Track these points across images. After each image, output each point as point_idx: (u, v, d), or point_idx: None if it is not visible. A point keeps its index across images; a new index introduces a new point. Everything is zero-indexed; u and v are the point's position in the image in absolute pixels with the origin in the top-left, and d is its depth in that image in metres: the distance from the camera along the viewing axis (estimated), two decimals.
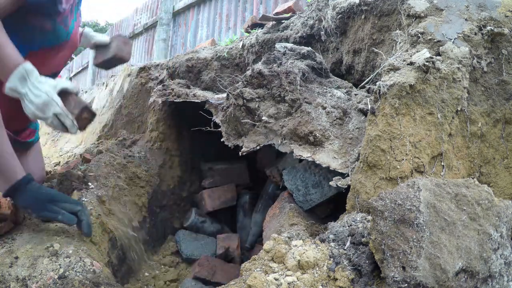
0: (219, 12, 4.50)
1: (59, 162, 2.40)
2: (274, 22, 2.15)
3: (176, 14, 5.29)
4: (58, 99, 1.27)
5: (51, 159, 2.54)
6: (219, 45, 2.54)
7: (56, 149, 2.62)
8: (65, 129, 1.29)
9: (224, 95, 1.63)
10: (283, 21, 2.11)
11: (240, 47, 2.16)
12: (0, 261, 1.12)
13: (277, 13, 2.40)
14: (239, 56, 2.18)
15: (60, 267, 1.12)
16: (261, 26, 2.31)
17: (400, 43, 1.32)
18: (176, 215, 2.11)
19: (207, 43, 3.14)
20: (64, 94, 1.28)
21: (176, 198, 2.11)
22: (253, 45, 2.07)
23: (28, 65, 1.24)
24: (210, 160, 2.24)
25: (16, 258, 1.14)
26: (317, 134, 1.30)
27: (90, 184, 1.57)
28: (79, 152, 2.26)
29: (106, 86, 3.51)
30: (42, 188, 1.21)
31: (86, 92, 4.49)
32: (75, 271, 1.12)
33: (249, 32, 2.37)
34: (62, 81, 1.31)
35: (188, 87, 1.97)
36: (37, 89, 1.25)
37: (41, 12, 1.37)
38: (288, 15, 2.21)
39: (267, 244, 0.99)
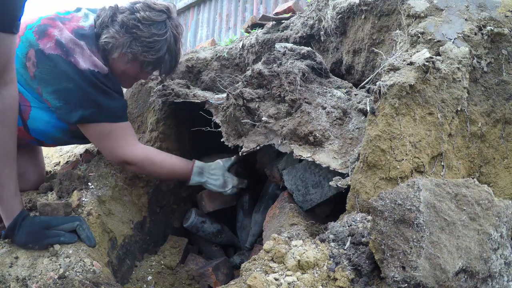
0: (219, 12, 4.50)
1: (59, 162, 2.40)
2: (274, 22, 2.15)
3: (176, 14, 5.29)
4: (230, 176, 1.74)
5: (51, 159, 2.54)
6: (219, 45, 2.54)
7: (56, 149, 2.62)
8: (240, 190, 1.81)
9: (224, 95, 1.63)
10: (283, 21, 2.11)
11: (240, 47, 2.17)
12: (0, 261, 1.12)
13: (277, 13, 2.40)
14: (239, 56, 2.18)
15: (60, 267, 1.12)
16: (261, 26, 2.31)
17: (400, 43, 1.32)
18: (176, 215, 2.11)
19: (207, 43, 3.14)
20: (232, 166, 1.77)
21: (176, 198, 2.11)
22: (253, 45, 2.07)
23: (198, 163, 1.69)
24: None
25: (16, 258, 1.14)
26: (317, 134, 1.30)
27: (90, 184, 1.57)
28: (79, 152, 2.26)
29: None
30: (36, 218, 1.21)
31: None
32: (75, 271, 1.12)
33: (249, 32, 2.37)
34: (227, 160, 1.76)
35: (188, 87, 1.97)
36: (213, 175, 1.70)
37: None
38: (288, 15, 2.22)
39: (267, 244, 0.99)
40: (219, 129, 1.58)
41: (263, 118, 1.40)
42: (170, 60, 1.54)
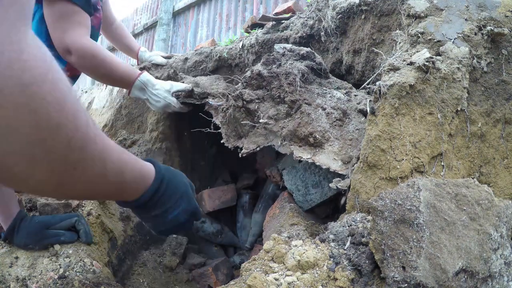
0: (219, 12, 4.50)
1: None
2: (274, 22, 2.15)
3: (176, 14, 5.29)
4: (174, 101, 1.63)
5: None
6: (219, 45, 2.54)
7: None
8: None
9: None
10: (283, 21, 2.11)
11: (240, 47, 2.16)
12: (0, 261, 1.12)
13: (277, 13, 2.40)
14: (239, 56, 2.18)
15: (60, 267, 1.12)
16: (261, 26, 2.30)
17: (400, 43, 1.32)
18: None
19: (207, 43, 3.14)
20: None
21: None
22: (253, 45, 2.07)
23: (144, 77, 1.57)
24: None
25: (16, 258, 1.14)
26: (317, 136, 1.30)
27: None
28: None
29: (106, 86, 3.50)
30: (34, 218, 1.21)
31: (86, 92, 4.48)
32: (75, 271, 1.12)
33: (249, 32, 2.36)
34: (176, 85, 1.64)
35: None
36: (155, 95, 1.59)
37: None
38: (288, 15, 2.22)
39: (267, 244, 0.99)
40: (219, 131, 1.58)
41: (262, 120, 1.40)
42: None
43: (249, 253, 1.90)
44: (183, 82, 1.79)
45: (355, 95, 1.49)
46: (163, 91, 1.61)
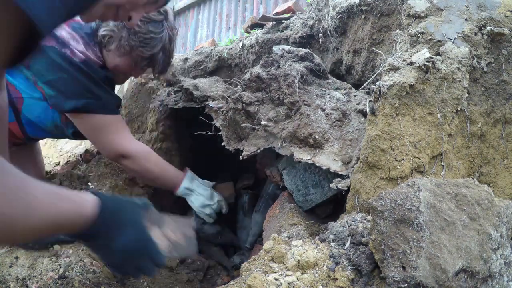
0: (219, 12, 4.50)
1: (59, 162, 2.40)
2: (274, 22, 2.15)
3: (176, 14, 5.29)
4: (216, 193, 1.83)
5: (51, 159, 2.54)
6: (219, 45, 2.54)
7: (56, 149, 2.62)
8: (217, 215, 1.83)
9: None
10: (283, 21, 2.11)
11: (240, 47, 2.16)
12: (0, 261, 1.12)
13: (277, 13, 2.40)
14: (239, 56, 2.18)
15: (60, 267, 1.12)
16: (261, 26, 2.31)
17: (400, 43, 1.32)
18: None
19: (207, 43, 3.14)
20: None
21: (176, 198, 2.11)
22: (253, 45, 2.07)
23: (190, 173, 1.77)
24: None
25: (16, 258, 1.14)
26: (317, 137, 1.30)
27: (90, 184, 1.57)
28: (79, 152, 2.26)
29: None
30: None
31: None
32: (75, 271, 1.12)
33: (249, 32, 2.37)
34: (209, 204, 1.81)
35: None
36: (203, 185, 1.78)
37: None
38: (288, 15, 2.22)
39: (267, 244, 0.99)
40: (220, 133, 1.58)
41: (262, 122, 1.40)
42: (163, 59, 1.55)
43: (249, 253, 1.90)
44: (182, 85, 1.80)
45: (355, 96, 1.49)
46: (207, 184, 1.81)
